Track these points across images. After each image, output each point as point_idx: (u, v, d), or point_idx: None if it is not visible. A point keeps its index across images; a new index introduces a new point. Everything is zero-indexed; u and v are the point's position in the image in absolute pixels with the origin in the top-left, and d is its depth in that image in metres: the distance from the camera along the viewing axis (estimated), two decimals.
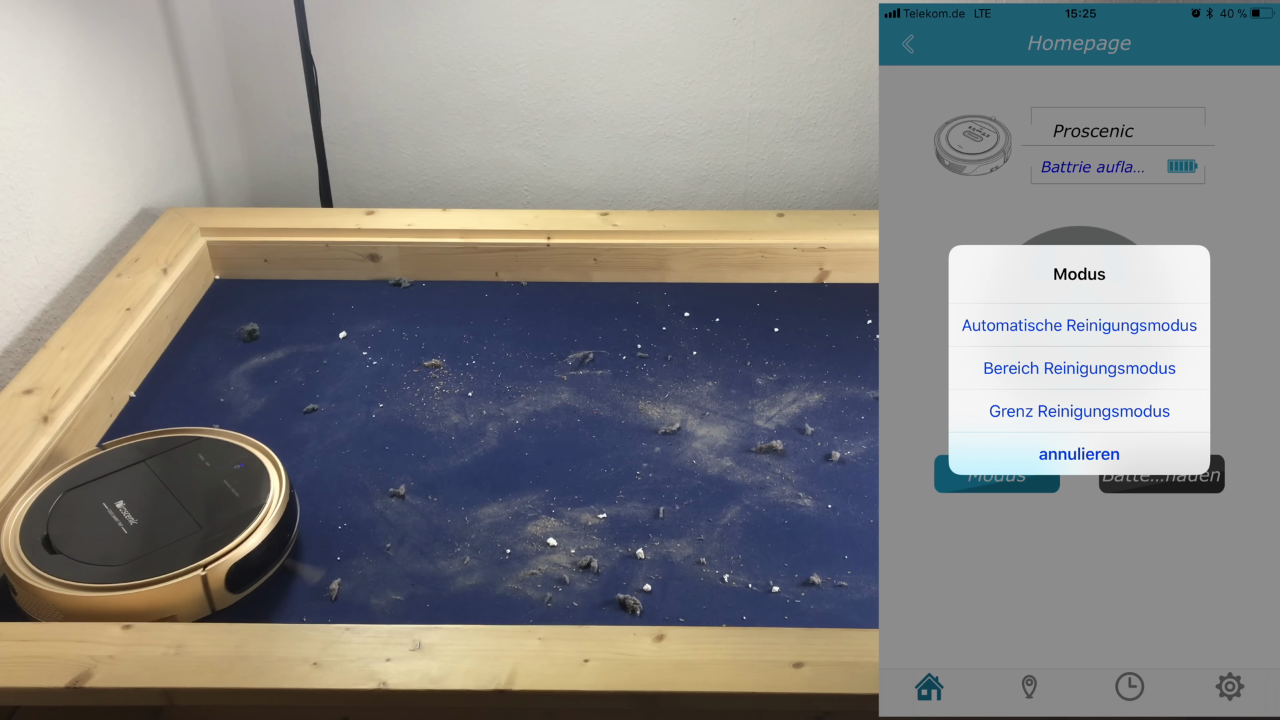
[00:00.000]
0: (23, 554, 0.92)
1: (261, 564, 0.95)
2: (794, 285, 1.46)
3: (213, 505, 0.97)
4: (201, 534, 0.94)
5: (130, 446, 1.04)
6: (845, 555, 1.01)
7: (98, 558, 0.92)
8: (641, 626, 0.88)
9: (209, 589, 0.92)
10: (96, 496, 0.98)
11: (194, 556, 0.92)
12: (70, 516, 0.96)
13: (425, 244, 1.44)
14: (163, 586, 0.89)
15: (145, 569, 0.91)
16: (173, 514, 0.96)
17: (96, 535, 0.94)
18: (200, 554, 0.92)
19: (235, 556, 0.92)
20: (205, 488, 0.99)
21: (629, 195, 1.76)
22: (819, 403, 1.22)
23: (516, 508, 1.06)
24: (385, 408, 1.21)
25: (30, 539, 0.93)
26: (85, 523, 0.95)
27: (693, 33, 1.61)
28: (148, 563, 0.91)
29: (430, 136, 1.71)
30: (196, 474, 1.01)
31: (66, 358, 1.16)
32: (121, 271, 1.33)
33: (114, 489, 0.99)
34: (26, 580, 0.90)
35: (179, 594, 0.90)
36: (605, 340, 1.33)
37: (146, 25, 1.49)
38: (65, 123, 1.31)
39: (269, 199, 1.78)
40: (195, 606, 0.92)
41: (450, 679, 0.82)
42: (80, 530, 0.95)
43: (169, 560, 0.91)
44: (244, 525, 0.95)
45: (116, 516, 0.96)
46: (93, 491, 0.99)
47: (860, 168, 1.73)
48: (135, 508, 0.97)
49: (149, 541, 0.94)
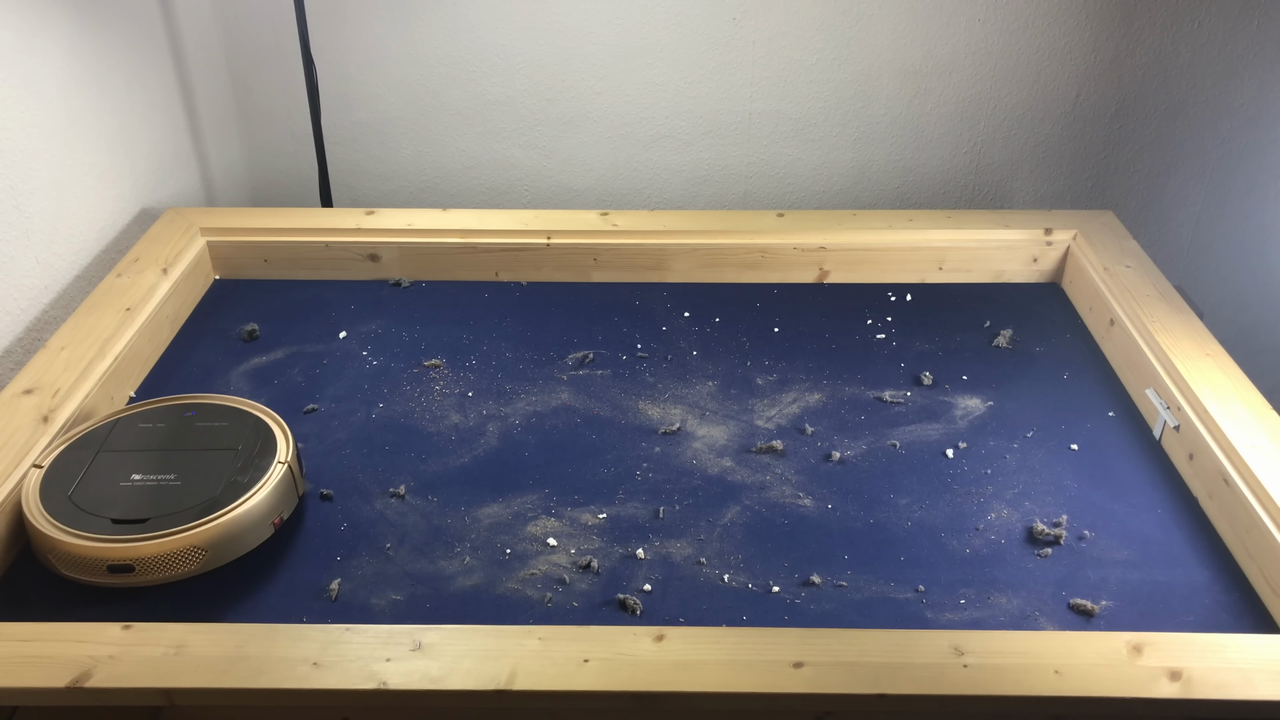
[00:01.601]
0: (45, 511, 0.96)
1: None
2: (794, 285, 1.46)
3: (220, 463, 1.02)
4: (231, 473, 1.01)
5: (154, 409, 1.09)
6: (845, 555, 1.01)
7: (123, 511, 0.96)
8: (641, 626, 0.88)
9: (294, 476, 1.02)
10: (120, 454, 1.03)
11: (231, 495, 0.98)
12: (95, 475, 1.00)
13: (425, 244, 1.44)
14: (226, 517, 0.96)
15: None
16: (197, 466, 1.02)
17: (120, 489, 0.98)
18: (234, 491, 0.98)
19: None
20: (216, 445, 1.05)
21: (629, 195, 1.76)
22: (819, 403, 1.22)
23: (516, 508, 1.06)
24: (385, 408, 1.21)
25: (53, 495, 0.97)
26: (106, 478, 0.99)
27: (693, 33, 1.61)
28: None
29: (430, 136, 1.71)
30: (204, 434, 1.06)
31: (66, 358, 1.16)
32: (121, 271, 1.33)
33: (139, 445, 1.04)
34: (50, 534, 0.93)
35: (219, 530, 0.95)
36: (605, 340, 1.33)
37: (146, 25, 1.49)
38: (65, 123, 1.31)
39: (269, 199, 1.78)
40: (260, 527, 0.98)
41: (450, 679, 0.82)
42: (103, 485, 0.98)
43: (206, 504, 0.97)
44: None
45: (145, 470, 1.01)
46: (116, 450, 1.03)
47: (860, 168, 1.73)
48: (164, 462, 1.02)
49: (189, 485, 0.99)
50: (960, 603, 0.95)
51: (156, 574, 0.94)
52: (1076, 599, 0.95)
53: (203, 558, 0.95)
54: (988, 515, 1.06)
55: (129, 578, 0.94)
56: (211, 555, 0.95)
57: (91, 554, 0.93)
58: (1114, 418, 1.20)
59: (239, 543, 0.97)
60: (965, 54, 1.62)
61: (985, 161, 1.72)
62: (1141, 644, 0.86)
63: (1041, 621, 0.93)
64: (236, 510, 0.96)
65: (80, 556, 0.93)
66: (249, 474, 1.00)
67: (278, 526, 1.00)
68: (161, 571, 0.94)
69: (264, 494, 0.98)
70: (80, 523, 0.94)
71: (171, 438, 1.05)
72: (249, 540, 0.97)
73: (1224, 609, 0.95)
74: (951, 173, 1.73)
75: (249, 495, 0.97)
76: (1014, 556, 1.01)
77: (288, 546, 1.01)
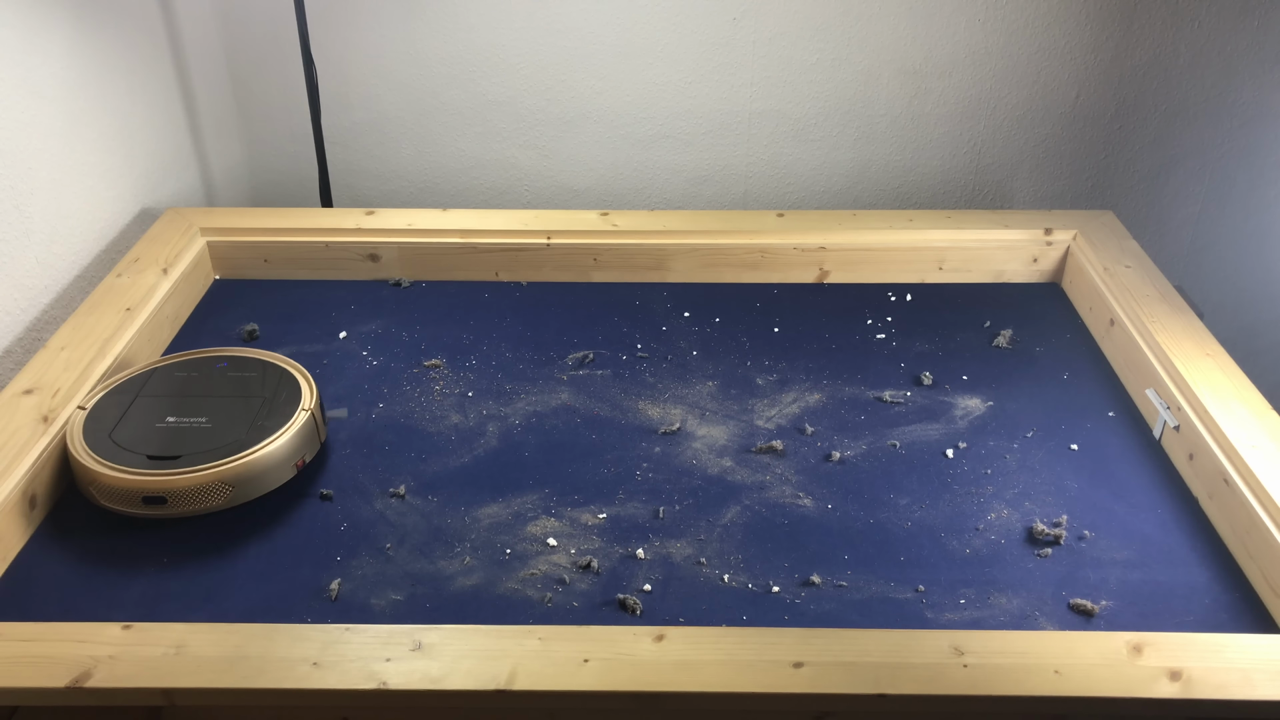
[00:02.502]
0: (87, 447, 1.03)
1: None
2: (794, 285, 1.46)
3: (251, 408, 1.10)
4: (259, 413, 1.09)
5: (189, 360, 1.17)
6: (845, 555, 1.01)
7: (159, 448, 1.04)
8: (641, 626, 0.88)
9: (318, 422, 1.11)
10: (156, 399, 1.11)
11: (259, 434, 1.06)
12: (133, 416, 1.08)
13: (425, 244, 1.44)
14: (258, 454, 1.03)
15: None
16: (228, 410, 1.09)
17: (155, 429, 1.06)
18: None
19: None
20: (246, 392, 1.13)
21: (629, 195, 1.76)
22: (819, 403, 1.22)
23: (516, 508, 1.06)
24: (385, 408, 1.21)
25: (95, 434, 1.05)
26: (143, 420, 1.08)
27: (693, 33, 1.61)
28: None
29: (430, 136, 1.71)
30: (234, 383, 1.14)
31: (66, 358, 1.16)
32: (121, 271, 1.33)
33: (175, 391, 1.12)
34: (91, 467, 1.01)
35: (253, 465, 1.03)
36: (605, 340, 1.33)
37: (146, 25, 1.49)
38: (65, 123, 1.31)
39: (269, 199, 1.78)
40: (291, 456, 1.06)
41: (450, 679, 0.82)
42: (140, 426, 1.07)
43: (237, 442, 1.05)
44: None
45: (179, 414, 1.08)
46: (153, 395, 1.12)
47: (860, 168, 1.73)
48: (200, 406, 1.10)
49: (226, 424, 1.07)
50: (960, 603, 0.95)
51: (187, 506, 1.01)
52: (1076, 599, 0.95)
53: (229, 493, 1.02)
54: (988, 515, 1.06)
55: (162, 509, 1.01)
56: (238, 491, 1.02)
57: (128, 486, 1.00)
58: (1114, 418, 1.20)
59: (263, 481, 1.04)
60: (965, 54, 1.62)
61: (985, 161, 1.72)
62: (1141, 644, 0.86)
63: (1041, 621, 0.93)
64: (262, 451, 1.03)
65: (118, 488, 1.01)
66: (274, 419, 1.07)
67: (300, 468, 1.07)
68: (192, 504, 1.01)
69: (288, 437, 1.06)
70: (119, 458, 1.02)
71: (204, 386, 1.13)
72: (272, 479, 1.05)
73: (1224, 609, 0.95)
74: (951, 173, 1.73)
75: (274, 438, 1.05)
76: (1014, 556, 1.01)
77: (288, 546, 1.01)
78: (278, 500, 1.06)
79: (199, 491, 1.01)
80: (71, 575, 0.97)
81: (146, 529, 1.02)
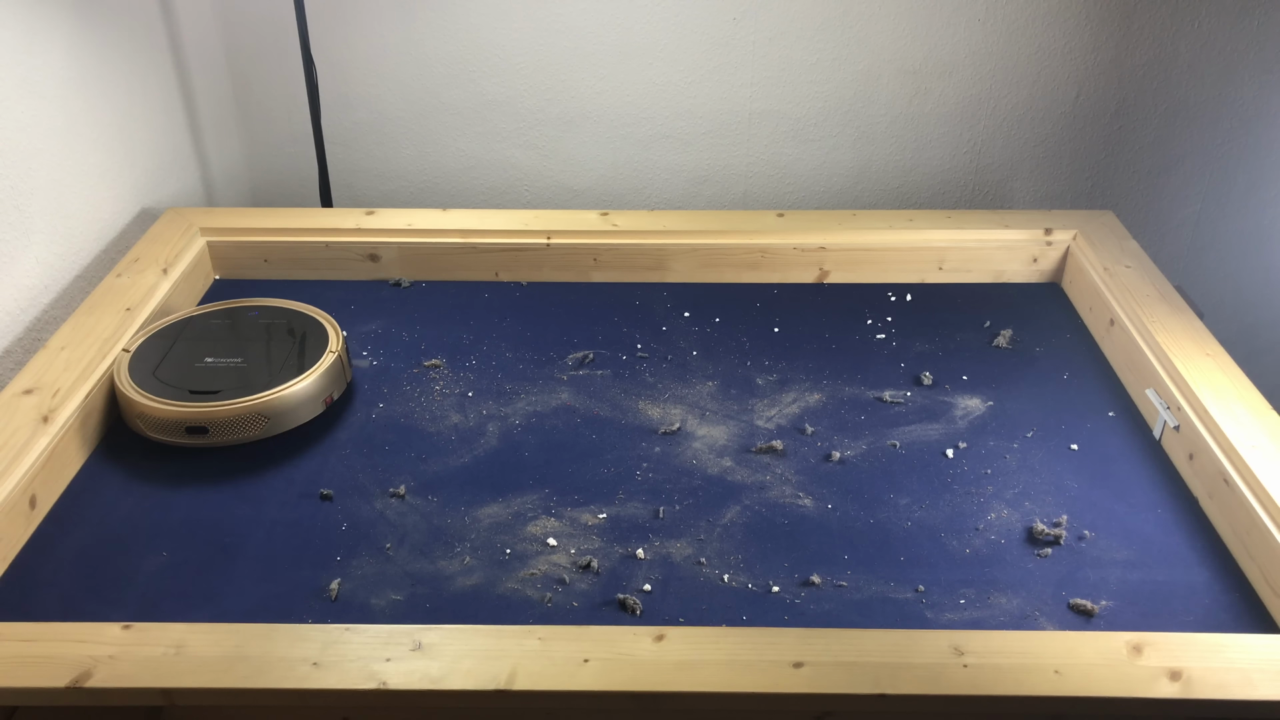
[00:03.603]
0: (134, 383, 1.13)
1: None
2: (794, 285, 1.46)
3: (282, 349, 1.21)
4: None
5: (223, 309, 1.27)
6: (845, 555, 1.01)
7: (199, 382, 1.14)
8: (641, 626, 0.88)
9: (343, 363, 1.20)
10: (194, 342, 1.21)
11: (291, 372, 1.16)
12: (174, 357, 1.19)
13: (425, 244, 1.44)
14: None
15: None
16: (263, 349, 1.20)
17: (195, 368, 1.17)
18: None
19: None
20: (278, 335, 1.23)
21: (629, 195, 1.76)
22: (819, 403, 1.22)
23: (516, 508, 1.06)
24: (385, 408, 1.21)
25: (140, 372, 1.15)
26: (183, 360, 1.18)
27: (693, 33, 1.61)
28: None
29: (430, 136, 1.71)
30: (267, 329, 1.24)
31: (66, 358, 1.16)
32: (121, 271, 1.33)
33: (210, 335, 1.23)
34: (138, 400, 1.11)
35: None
36: (605, 340, 1.33)
37: (146, 25, 1.49)
38: (65, 122, 1.31)
39: (269, 199, 1.78)
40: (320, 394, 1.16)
41: (450, 679, 0.82)
42: (181, 365, 1.17)
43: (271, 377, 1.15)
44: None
45: (217, 355, 1.19)
46: (191, 339, 1.22)
47: (860, 168, 1.73)
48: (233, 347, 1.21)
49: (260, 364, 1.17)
50: (960, 603, 0.95)
51: (226, 436, 1.12)
52: (1076, 599, 0.95)
53: (265, 424, 1.12)
54: (988, 515, 1.06)
55: (203, 439, 1.11)
56: (272, 422, 1.13)
57: (172, 417, 1.10)
58: (1114, 418, 1.20)
59: (295, 414, 1.14)
60: (965, 54, 1.62)
61: (985, 161, 1.72)
62: (1141, 644, 0.86)
63: (1041, 621, 0.93)
64: (294, 387, 1.14)
65: (163, 419, 1.11)
66: (305, 360, 1.17)
67: (328, 404, 1.18)
68: (230, 434, 1.11)
69: (317, 376, 1.16)
70: (163, 392, 1.12)
71: (238, 331, 1.23)
72: (303, 413, 1.15)
73: (1224, 609, 0.95)
74: (951, 173, 1.73)
75: (304, 376, 1.15)
76: (1014, 556, 1.01)
77: (288, 546, 1.01)
78: (279, 499, 1.07)
79: (237, 422, 1.11)
80: (72, 573, 0.97)
81: (147, 526, 1.03)
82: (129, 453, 1.13)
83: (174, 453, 1.12)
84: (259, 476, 1.10)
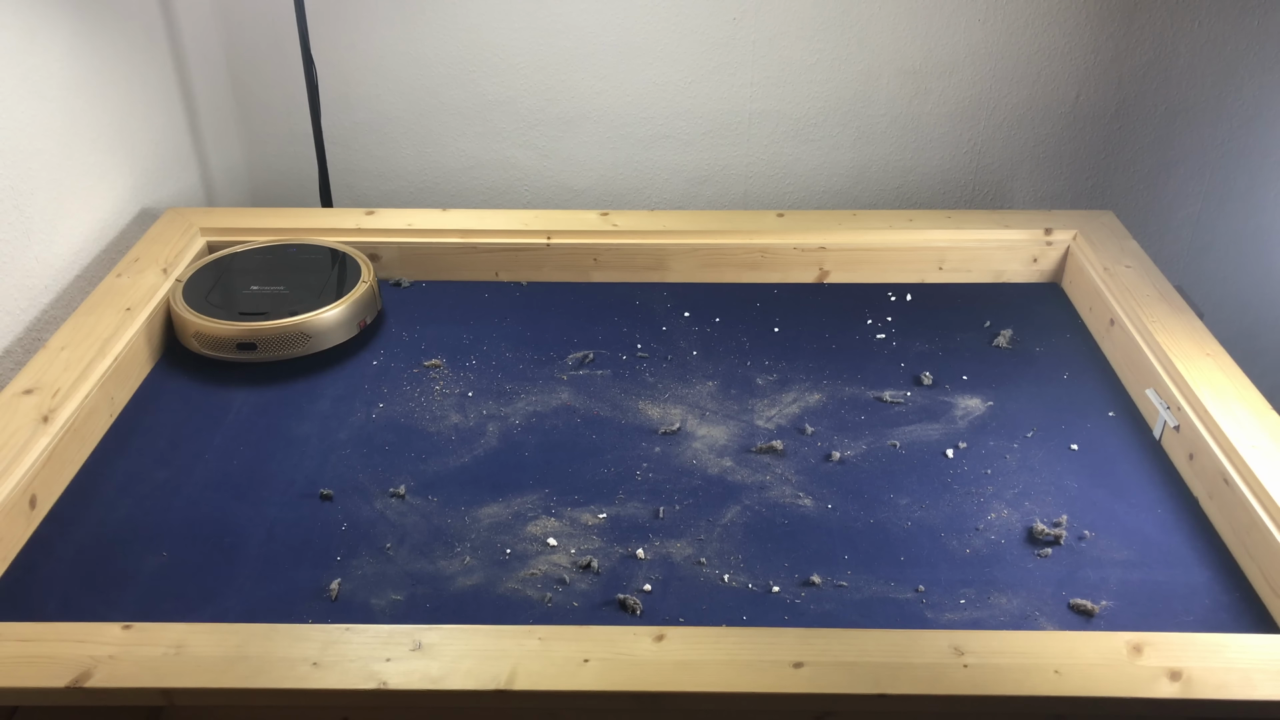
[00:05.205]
0: (188, 305, 1.27)
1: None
2: (794, 285, 1.46)
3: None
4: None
5: (264, 246, 1.41)
6: (845, 555, 1.01)
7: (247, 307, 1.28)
8: (641, 626, 0.88)
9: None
10: (240, 273, 1.35)
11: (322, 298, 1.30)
12: (223, 285, 1.32)
13: (425, 244, 1.44)
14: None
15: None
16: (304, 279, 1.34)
17: (243, 294, 1.31)
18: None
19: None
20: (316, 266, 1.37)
21: (629, 195, 1.76)
22: (819, 403, 1.22)
23: (516, 508, 1.06)
24: (385, 408, 1.21)
25: (193, 297, 1.29)
26: (232, 288, 1.32)
27: (693, 33, 1.61)
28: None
29: (430, 136, 1.71)
30: (306, 263, 1.38)
31: (66, 358, 1.16)
32: (121, 271, 1.33)
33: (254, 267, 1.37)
34: (192, 320, 1.24)
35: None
36: (605, 340, 1.33)
37: (146, 25, 1.49)
38: (65, 123, 1.31)
39: (269, 199, 1.78)
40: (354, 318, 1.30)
41: (450, 679, 0.82)
42: (230, 292, 1.31)
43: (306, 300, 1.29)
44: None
45: (262, 283, 1.32)
46: (237, 270, 1.36)
47: (860, 168, 1.73)
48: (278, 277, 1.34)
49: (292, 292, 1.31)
50: (960, 603, 0.95)
51: (273, 352, 1.25)
52: (1076, 599, 0.95)
53: (307, 341, 1.26)
54: (988, 515, 1.06)
55: (252, 354, 1.25)
56: (315, 340, 1.26)
57: (225, 334, 1.24)
58: (1114, 418, 1.20)
59: (334, 334, 1.28)
60: (965, 54, 1.62)
61: (985, 161, 1.72)
62: (1141, 644, 0.86)
63: (1041, 621, 0.93)
64: (333, 310, 1.27)
65: (216, 336, 1.24)
66: (341, 287, 1.31)
67: (363, 327, 1.31)
68: (277, 350, 1.25)
69: (352, 301, 1.29)
70: (215, 313, 1.26)
71: (280, 264, 1.37)
72: (341, 334, 1.29)
73: (1224, 609, 0.95)
74: (951, 173, 1.73)
75: (341, 301, 1.28)
76: (1014, 556, 1.01)
77: (288, 546, 1.01)
78: (279, 498, 1.07)
79: (283, 339, 1.24)
80: (72, 573, 0.97)
81: (147, 526, 1.03)
82: (130, 453, 1.13)
83: (180, 452, 1.12)
84: (259, 477, 1.10)
